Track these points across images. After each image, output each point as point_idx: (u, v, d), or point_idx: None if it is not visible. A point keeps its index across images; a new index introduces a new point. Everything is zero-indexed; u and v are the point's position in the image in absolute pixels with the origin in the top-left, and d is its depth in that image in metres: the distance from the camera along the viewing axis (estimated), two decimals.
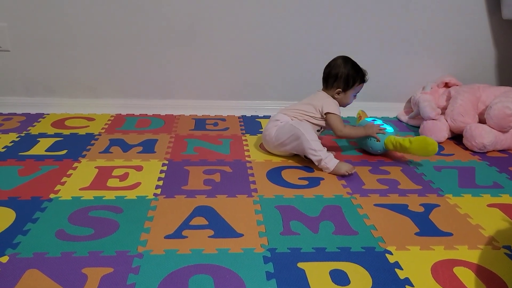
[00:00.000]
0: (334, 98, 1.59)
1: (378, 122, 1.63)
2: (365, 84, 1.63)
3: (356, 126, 1.62)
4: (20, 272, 0.94)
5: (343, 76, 1.55)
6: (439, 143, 1.78)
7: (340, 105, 1.60)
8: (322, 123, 1.58)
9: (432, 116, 1.81)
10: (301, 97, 1.65)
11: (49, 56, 1.97)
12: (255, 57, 2.04)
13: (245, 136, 1.81)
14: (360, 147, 1.68)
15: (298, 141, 1.48)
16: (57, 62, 1.98)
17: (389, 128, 1.61)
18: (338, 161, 1.46)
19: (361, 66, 1.61)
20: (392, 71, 2.11)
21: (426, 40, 2.07)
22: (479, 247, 1.10)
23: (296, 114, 1.57)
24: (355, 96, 1.62)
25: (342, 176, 1.45)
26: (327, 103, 1.56)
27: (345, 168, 1.44)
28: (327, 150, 1.49)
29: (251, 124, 1.95)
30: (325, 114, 1.55)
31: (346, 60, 1.58)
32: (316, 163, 1.47)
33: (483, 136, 1.67)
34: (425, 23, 2.04)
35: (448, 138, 1.82)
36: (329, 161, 1.45)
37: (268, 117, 2.03)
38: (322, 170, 1.48)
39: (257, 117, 2.05)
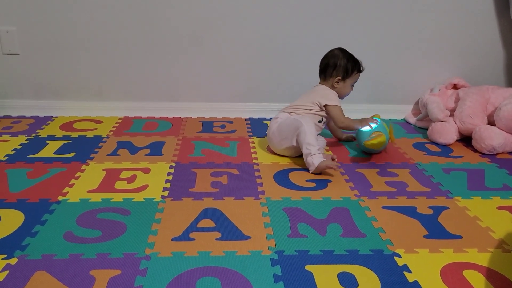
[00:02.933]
0: (333, 88, 1.60)
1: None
2: (373, 86, 1.63)
3: (356, 120, 1.61)
4: (29, 273, 0.95)
5: (342, 64, 1.58)
6: (447, 145, 1.78)
7: (339, 96, 1.61)
8: (323, 113, 1.59)
9: (440, 118, 1.80)
10: None
11: (57, 60, 1.99)
12: (262, 59, 2.04)
13: (252, 138, 1.81)
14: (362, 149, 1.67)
15: (297, 131, 1.48)
16: (65, 66, 2.00)
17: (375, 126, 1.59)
18: (323, 159, 1.45)
19: (369, 68, 1.62)
20: (400, 73, 2.10)
21: (434, 42, 2.06)
22: (489, 250, 1.09)
23: (294, 109, 1.58)
24: (352, 86, 1.63)
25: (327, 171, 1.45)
26: (325, 95, 1.57)
27: (326, 163, 1.43)
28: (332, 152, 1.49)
29: (258, 127, 1.95)
30: (325, 106, 1.56)
31: (343, 50, 1.61)
32: (304, 158, 1.47)
33: (493, 138, 1.66)
34: (433, 24, 2.03)
35: (456, 140, 1.80)
36: (316, 157, 1.45)
37: None
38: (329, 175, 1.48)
39: (264, 119, 2.05)
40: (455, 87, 2.00)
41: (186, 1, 1.93)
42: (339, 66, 1.58)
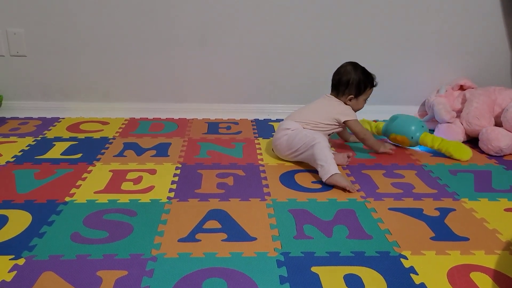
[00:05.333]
0: (346, 104, 1.58)
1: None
2: (379, 87, 1.63)
3: (375, 138, 1.64)
4: (36, 274, 0.96)
5: (355, 82, 1.54)
6: None
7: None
8: (335, 128, 1.58)
9: (447, 119, 1.79)
10: (313, 100, 1.64)
11: (64, 61, 2.00)
12: (267, 60, 2.04)
13: (258, 139, 1.81)
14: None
15: (311, 147, 1.44)
16: (72, 67, 2.01)
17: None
18: (339, 172, 1.39)
19: (375, 69, 1.60)
20: (406, 74, 2.10)
21: (441, 43, 2.05)
22: (496, 252, 1.08)
23: (308, 123, 1.53)
24: (365, 100, 1.61)
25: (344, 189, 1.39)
26: (342, 111, 1.55)
27: (343, 181, 1.37)
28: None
29: (264, 128, 1.95)
30: (344, 122, 1.55)
31: (355, 66, 1.57)
32: (319, 172, 1.42)
33: (500, 140, 1.65)
34: (439, 25, 2.02)
35: (463, 142, 1.79)
36: (332, 167, 1.39)
37: (280, 120, 2.03)
38: None
39: (270, 120, 2.06)
40: (461, 88, 1.99)
41: (192, 3, 1.93)
42: (351, 85, 1.54)
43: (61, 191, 1.33)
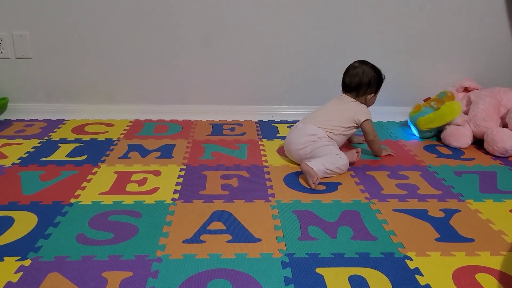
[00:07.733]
0: (365, 102, 1.60)
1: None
2: (384, 89, 1.64)
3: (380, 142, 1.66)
4: (42, 275, 0.96)
5: (375, 80, 1.57)
6: (461, 149, 1.75)
7: (368, 106, 1.62)
8: (354, 130, 1.60)
9: (459, 122, 1.76)
10: (318, 101, 1.64)
11: (69, 64, 2.01)
12: (271, 62, 2.04)
13: (262, 141, 1.81)
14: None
15: (335, 159, 1.47)
16: (77, 69, 2.02)
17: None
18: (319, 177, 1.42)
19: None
20: (410, 76, 2.09)
21: (445, 44, 2.05)
22: (502, 253, 1.07)
23: (332, 128, 1.53)
24: None
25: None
26: (361, 111, 1.56)
27: (310, 181, 1.40)
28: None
29: (268, 129, 1.95)
30: (364, 121, 1.56)
31: (366, 63, 1.59)
32: (318, 169, 1.43)
33: (505, 141, 1.64)
34: (443, 26, 2.02)
35: (471, 144, 1.77)
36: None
37: (284, 121, 2.04)
38: (339, 175, 1.48)
39: (274, 122, 2.06)
40: (466, 89, 1.98)
41: (195, 4, 1.94)
42: (373, 83, 1.57)
43: (66, 192, 1.33)
